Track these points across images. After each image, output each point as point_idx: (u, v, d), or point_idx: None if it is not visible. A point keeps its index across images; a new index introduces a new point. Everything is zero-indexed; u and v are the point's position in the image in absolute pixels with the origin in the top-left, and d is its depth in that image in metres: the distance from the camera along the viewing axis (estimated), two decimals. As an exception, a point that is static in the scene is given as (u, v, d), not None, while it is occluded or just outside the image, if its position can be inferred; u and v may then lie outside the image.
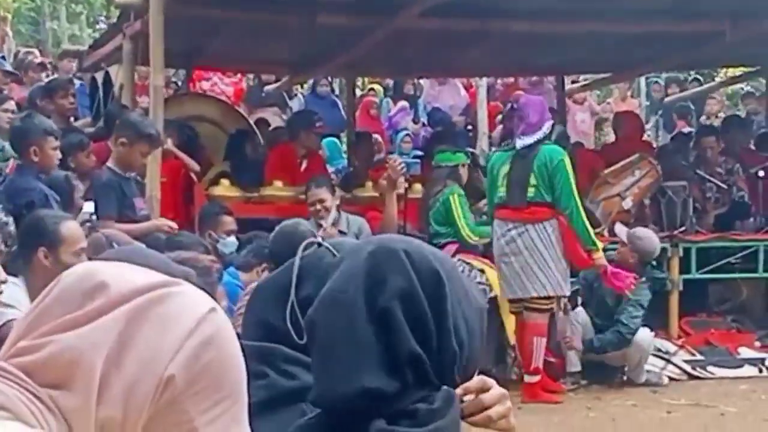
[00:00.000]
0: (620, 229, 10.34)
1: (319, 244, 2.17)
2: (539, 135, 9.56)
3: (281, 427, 2.20)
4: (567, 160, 9.60)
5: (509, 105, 11.41)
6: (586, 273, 10.22)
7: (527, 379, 9.49)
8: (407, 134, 15.73)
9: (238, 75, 16.37)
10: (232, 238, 8.92)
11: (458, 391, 1.98)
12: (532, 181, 9.49)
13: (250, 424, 2.16)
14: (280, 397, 2.27)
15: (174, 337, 1.39)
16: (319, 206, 9.74)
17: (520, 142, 9.62)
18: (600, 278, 9.97)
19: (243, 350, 2.46)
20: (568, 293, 9.74)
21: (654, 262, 10.52)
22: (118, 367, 1.37)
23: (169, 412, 1.39)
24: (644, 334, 10.02)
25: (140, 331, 1.39)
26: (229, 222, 9.10)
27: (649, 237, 10.28)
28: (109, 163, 8.60)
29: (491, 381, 2.04)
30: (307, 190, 10.06)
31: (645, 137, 15.15)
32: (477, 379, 2.01)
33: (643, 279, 10.14)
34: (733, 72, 17.14)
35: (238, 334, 1.47)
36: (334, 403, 1.94)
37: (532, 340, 9.48)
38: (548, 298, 9.55)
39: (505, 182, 9.62)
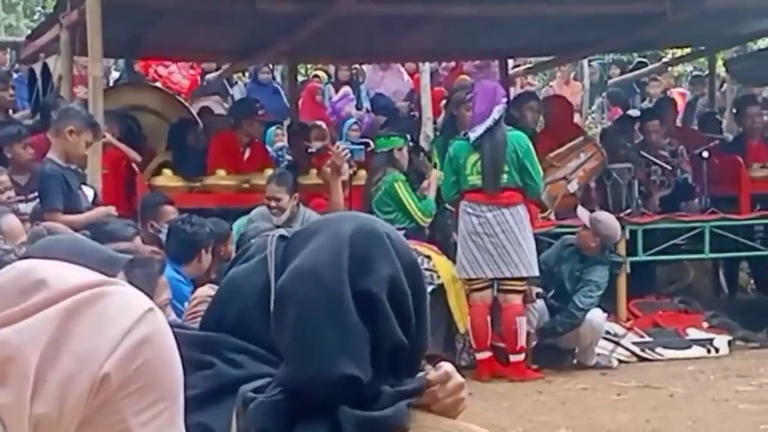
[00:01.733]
0: (582, 213, 10.34)
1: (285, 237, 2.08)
2: (488, 123, 9.65)
3: (228, 417, 2.16)
4: (531, 145, 9.84)
5: (465, 94, 11.39)
6: (546, 257, 10.24)
7: (513, 358, 9.72)
8: (355, 122, 15.65)
9: (194, 68, 16.20)
10: None
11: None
12: (505, 168, 9.67)
13: (197, 415, 2.08)
14: (226, 387, 2.22)
15: (110, 336, 1.37)
16: (273, 203, 9.68)
17: (473, 135, 9.77)
18: (560, 262, 10.02)
19: (190, 339, 2.39)
20: (536, 273, 9.85)
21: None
22: (54, 364, 1.35)
23: (103, 412, 1.36)
24: (597, 315, 10.03)
25: (77, 329, 1.36)
26: (171, 212, 8.97)
27: (611, 221, 10.29)
28: (51, 155, 8.45)
29: (452, 368, 1.97)
30: (267, 182, 9.97)
31: (582, 120, 15.21)
32: (443, 371, 1.95)
33: (601, 261, 10.16)
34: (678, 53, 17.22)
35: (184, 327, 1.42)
36: (308, 387, 1.85)
37: (514, 320, 9.69)
38: (523, 279, 9.74)
39: (476, 170, 9.75)
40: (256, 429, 1.79)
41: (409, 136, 11.47)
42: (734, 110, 14.16)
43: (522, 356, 9.75)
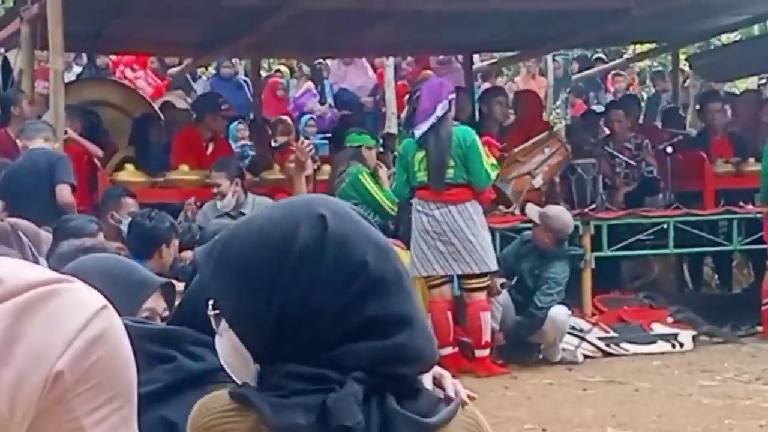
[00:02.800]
0: (531, 210, 10.30)
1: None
2: (432, 120, 9.61)
3: (190, 409, 2.11)
4: (478, 140, 9.75)
5: (414, 91, 11.39)
6: (506, 254, 10.22)
7: (478, 353, 9.73)
8: (311, 117, 15.62)
9: (161, 79, 16.08)
10: None
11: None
12: (450, 162, 9.61)
13: (159, 408, 2.05)
14: (187, 380, 2.31)
15: (64, 332, 1.35)
16: (215, 189, 9.85)
17: (417, 132, 9.74)
18: (519, 259, 10.06)
19: (150, 334, 2.36)
20: (494, 268, 9.78)
21: (569, 240, 10.51)
22: (7, 360, 1.32)
23: (55, 409, 1.34)
24: (560, 312, 10.01)
25: (30, 326, 1.34)
26: (131, 203, 8.89)
27: (561, 214, 10.25)
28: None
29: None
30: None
31: (547, 115, 15.24)
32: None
33: (560, 256, 10.15)
34: (641, 48, 17.26)
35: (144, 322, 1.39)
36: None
37: (478, 316, 9.70)
38: (482, 275, 9.69)
39: (422, 167, 9.70)
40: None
41: (381, 141, 11.48)
42: (697, 106, 14.20)
43: (487, 351, 9.74)
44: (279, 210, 1.82)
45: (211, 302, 1.79)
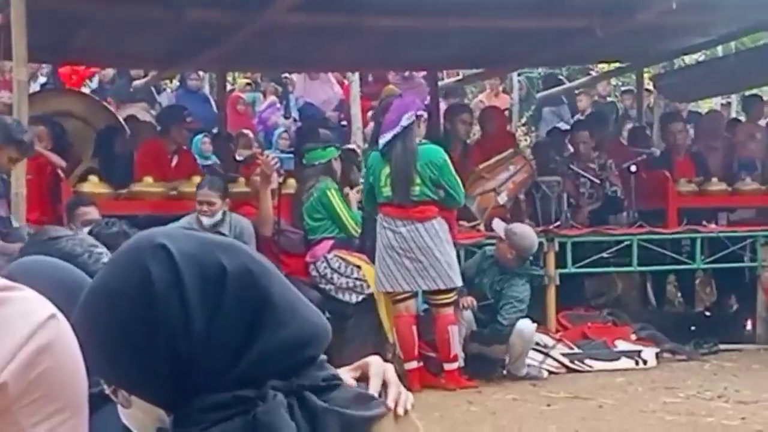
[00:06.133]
0: (497, 225, 10.31)
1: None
2: (397, 129, 9.57)
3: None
4: (447, 159, 9.75)
5: (380, 104, 11.39)
6: (466, 268, 10.23)
7: (447, 366, 9.73)
8: (284, 131, 15.59)
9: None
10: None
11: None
12: (417, 180, 9.58)
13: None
14: None
15: (9, 343, 1.31)
16: (206, 207, 9.73)
17: (382, 140, 9.72)
18: (480, 274, 10.06)
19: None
20: (459, 284, 9.79)
21: (531, 258, 10.51)
22: None
23: (0, 422, 1.30)
24: (526, 326, 10.02)
25: None
26: (86, 212, 8.78)
27: (526, 232, 10.26)
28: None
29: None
30: (198, 188, 9.94)
31: (513, 132, 15.29)
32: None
33: (520, 274, 10.15)
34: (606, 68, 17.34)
35: None
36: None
37: (446, 329, 9.70)
38: (449, 291, 9.70)
39: (388, 182, 9.66)
40: None
41: (339, 146, 11.44)
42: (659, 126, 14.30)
43: (456, 365, 9.74)
44: (114, 266, 1.71)
45: (101, 380, 1.68)
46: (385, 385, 1.85)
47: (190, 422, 1.64)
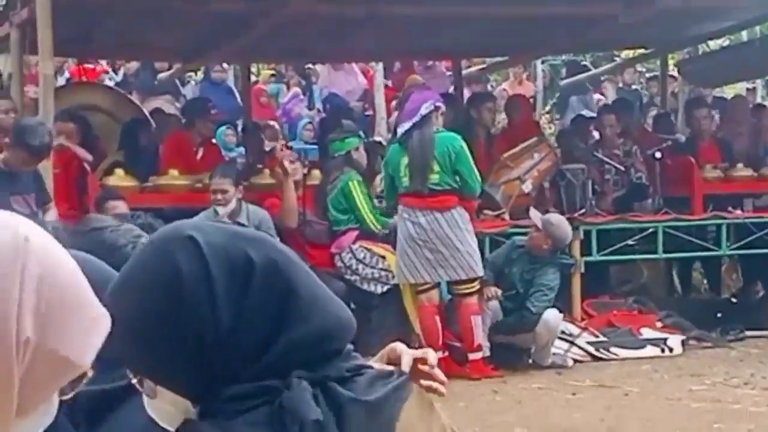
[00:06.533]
0: (534, 214, 10.31)
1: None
2: (415, 118, 9.59)
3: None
4: (465, 146, 9.72)
5: (402, 94, 11.40)
6: (495, 258, 10.22)
7: (471, 356, 9.74)
8: (309, 122, 15.59)
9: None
10: None
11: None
12: (435, 168, 9.58)
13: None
14: None
15: None
16: (220, 196, 9.73)
17: (401, 129, 9.76)
18: (509, 264, 10.07)
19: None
20: (480, 273, 9.79)
21: (560, 248, 10.53)
22: None
23: None
24: (552, 315, 10.02)
25: None
26: (115, 206, 8.83)
27: (563, 223, 10.27)
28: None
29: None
30: (211, 177, 9.98)
31: (538, 121, 15.28)
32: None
33: (551, 263, 10.15)
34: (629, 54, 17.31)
35: None
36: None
37: (469, 319, 9.72)
38: (472, 280, 9.70)
39: (407, 171, 9.66)
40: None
41: (362, 133, 11.45)
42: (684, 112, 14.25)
43: (480, 354, 9.75)
44: (143, 258, 1.74)
45: (128, 370, 1.73)
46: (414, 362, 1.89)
47: (216, 412, 1.66)
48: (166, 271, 1.67)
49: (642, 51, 15.94)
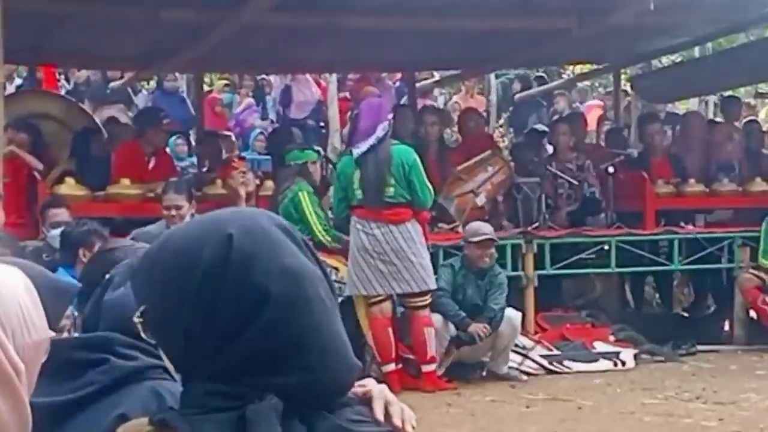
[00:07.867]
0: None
1: None
2: (372, 141, 9.61)
3: (132, 401, 2.34)
4: (418, 160, 9.75)
5: (353, 111, 11.39)
6: (445, 286, 10.14)
7: (425, 368, 9.74)
8: (260, 132, 15.53)
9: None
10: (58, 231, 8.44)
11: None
12: (390, 181, 9.58)
13: (103, 404, 2.05)
14: (123, 378, 2.43)
15: None
16: (174, 212, 9.36)
17: (356, 151, 9.74)
18: (463, 288, 10.07)
19: (74, 343, 2.42)
20: (433, 286, 9.79)
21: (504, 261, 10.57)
22: None
23: None
24: (514, 314, 10.08)
25: None
26: (56, 214, 8.69)
27: (473, 225, 10.28)
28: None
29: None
30: (163, 193, 9.62)
31: (491, 134, 15.30)
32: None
33: (493, 268, 10.16)
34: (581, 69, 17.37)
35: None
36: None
37: (422, 331, 9.72)
38: (424, 293, 9.71)
39: (360, 185, 9.65)
40: None
41: (321, 151, 11.41)
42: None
43: (433, 366, 9.75)
44: (194, 226, 1.77)
45: (138, 309, 1.76)
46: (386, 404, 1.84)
47: (193, 403, 1.68)
48: (193, 257, 1.68)
49: (595, 66, 15.99)
